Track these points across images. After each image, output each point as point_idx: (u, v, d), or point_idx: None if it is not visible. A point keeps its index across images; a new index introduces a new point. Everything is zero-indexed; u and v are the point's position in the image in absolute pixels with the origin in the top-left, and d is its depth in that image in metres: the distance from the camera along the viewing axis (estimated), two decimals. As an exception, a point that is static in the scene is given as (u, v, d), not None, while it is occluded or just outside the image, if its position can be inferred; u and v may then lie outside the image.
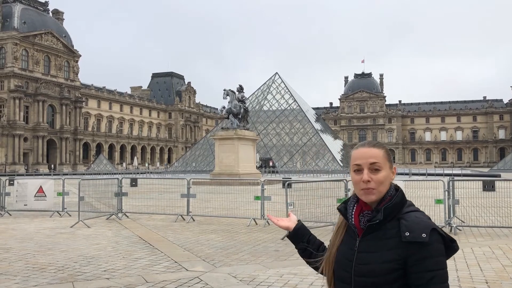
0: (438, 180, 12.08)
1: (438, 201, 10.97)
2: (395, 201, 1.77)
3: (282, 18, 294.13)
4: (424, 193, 15.54)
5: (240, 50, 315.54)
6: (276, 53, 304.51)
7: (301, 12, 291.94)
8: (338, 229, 1.90)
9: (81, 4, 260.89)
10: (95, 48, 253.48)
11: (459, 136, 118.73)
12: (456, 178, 11.98)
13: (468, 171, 55.57)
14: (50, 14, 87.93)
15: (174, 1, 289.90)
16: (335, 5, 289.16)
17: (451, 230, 10.17)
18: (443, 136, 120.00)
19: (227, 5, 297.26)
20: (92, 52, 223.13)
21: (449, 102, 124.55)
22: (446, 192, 10.67)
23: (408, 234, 1.66)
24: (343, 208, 1.87)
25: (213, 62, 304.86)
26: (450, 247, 1.70)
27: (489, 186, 14.57)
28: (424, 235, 1.64)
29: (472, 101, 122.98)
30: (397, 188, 1.83)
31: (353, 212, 1.83)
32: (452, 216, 10.51)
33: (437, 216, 11.03)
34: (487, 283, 6.19)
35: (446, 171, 45.06)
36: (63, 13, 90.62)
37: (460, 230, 10.29)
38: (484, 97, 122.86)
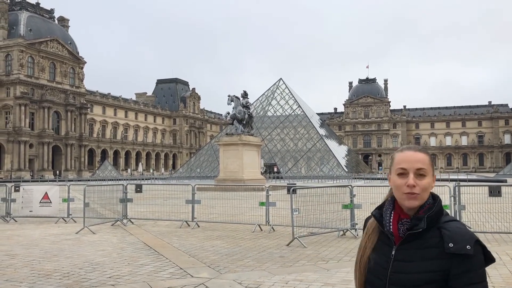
0: (443, 186, 12.02)
1: (444, 207, 10.86)
2: (436, 209, 1.74)
3: (284, 23, 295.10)
4: (429, 199, 15.44)
5: (242, 56, 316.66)
6: (279, 58, 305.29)
7: (303, 17, 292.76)
8: (369, 234, 1.85)
9: (86, 11, 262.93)
10: (100, 54, 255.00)
11: (464, 141, 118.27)
12: (462, 183, 11.90)
13: (473, 176, 55.33)
14: (56, 21, 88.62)
15: (177, 10, 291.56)
16: (338, 9, 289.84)
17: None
18: (448, 141, 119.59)
19: (230, 11, 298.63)
20: (97, 59, 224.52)
21: (454, 107, 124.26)
22: (452, 198, 10.61)
23: (452, 245, 1.63)
24: (378, 215, 1.82)
25: (217, 68, 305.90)
26: (489, 258, 1.68)
27: (495, 192, 14.46)
28: (468, 247, 1.62)
29: (477, 106, 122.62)
30: (434, 196, 1.79)
31: (391, 219, 1.78)
32: (458, 221, 10.44)
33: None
34: (494, 289, 6.13)
35: (452, 176, 44.80)
36: (68, 20, 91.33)
37: (466, 236, 10.20)
38: (489, 102, 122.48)
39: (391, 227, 1.76)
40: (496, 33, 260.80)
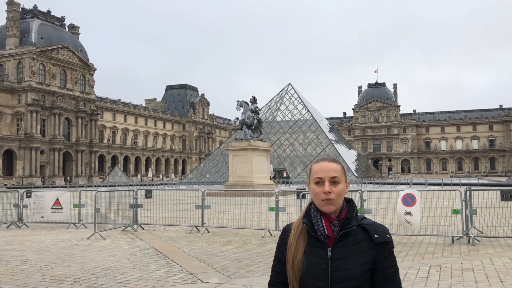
0: (454, 190, 11.92)
1: (455, 211, 10.81)
2: (356, 210, 1.99)
3: (293, 27, 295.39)
4: (440, 203, 15.34)
5: (251, 62, 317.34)
6: (288, 62, 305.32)
7: (311, 20, 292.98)
8: (298, 235, 1.98)
9: (96, 18, 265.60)
10: (110, 61, 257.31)
11: (475, 145, 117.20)
12: (473, 187, 11.79)
13: (485, 181, 54.77)
14: (67, 28, 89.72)
15: (186, 15, 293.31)
16: (346, 12, 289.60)
17: (469, 241, 10.00)
18: (459, 145, 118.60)
19: (238, 16, 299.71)
20: (107, 65, 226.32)
21: (465, 111, 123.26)
22: (463, 202, 10.51)
23: (378, 236, 1.90)
24: (308, 222, 1.97)
25: (225, 74, 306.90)
26: (393, 244, 1.96)
27: (507, 196, 14.35)
28: (388, 235, 1.93)
29: (488, 110, 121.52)
30: (348, 200, 2.00)
31: (323, 224, 1.94)
32: (470, 226, 10.34)
33: (454, 226, 10.87)
34: (507, 295, 6.06)
35: (463, 181, 44.43)
36: (79, 27, 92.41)
37: (478, 241, 10.10)
38: (501, 106, 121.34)
39: (325, 230, 1.92)
40: (509, 36, 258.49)
